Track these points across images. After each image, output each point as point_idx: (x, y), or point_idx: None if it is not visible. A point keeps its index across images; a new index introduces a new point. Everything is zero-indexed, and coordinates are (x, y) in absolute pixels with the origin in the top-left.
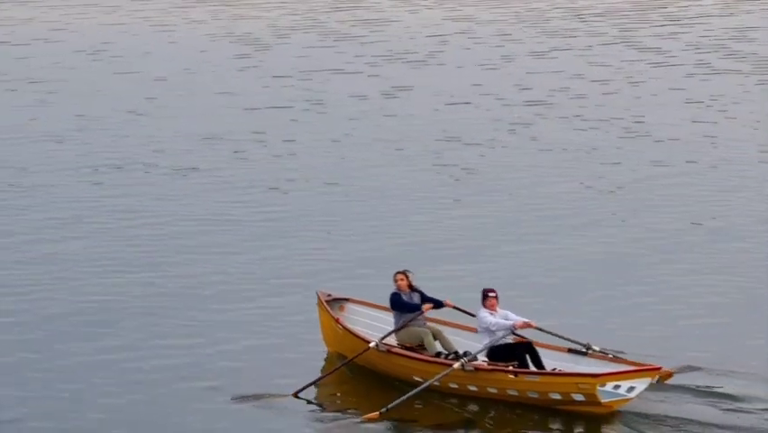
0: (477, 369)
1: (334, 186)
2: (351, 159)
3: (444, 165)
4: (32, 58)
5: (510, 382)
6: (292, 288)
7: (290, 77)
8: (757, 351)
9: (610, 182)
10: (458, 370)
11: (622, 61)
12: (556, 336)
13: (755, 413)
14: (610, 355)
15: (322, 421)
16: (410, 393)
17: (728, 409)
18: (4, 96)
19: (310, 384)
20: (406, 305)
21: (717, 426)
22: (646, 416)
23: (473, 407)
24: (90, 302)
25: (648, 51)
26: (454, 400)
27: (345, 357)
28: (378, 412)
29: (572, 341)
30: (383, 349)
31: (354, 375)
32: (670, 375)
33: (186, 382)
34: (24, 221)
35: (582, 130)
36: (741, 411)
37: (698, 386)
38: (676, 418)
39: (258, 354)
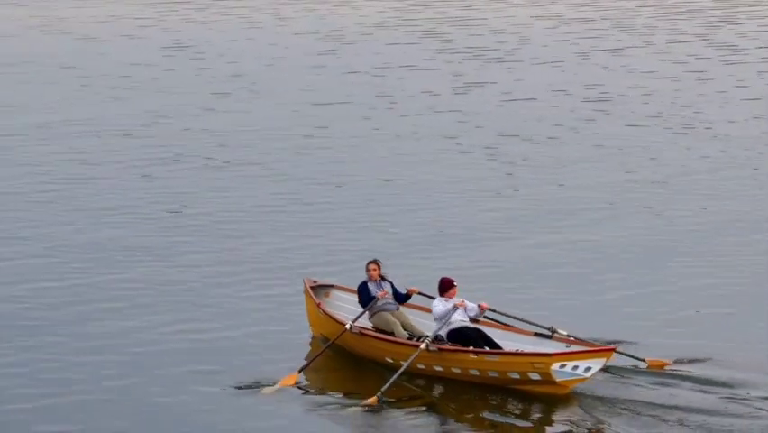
0: (440, 349)
1: (385, 179)
2: (406, 152)
3: (497, 159)
4: (120, 54)
5: (471, 361)
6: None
7: (367, 73)
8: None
9: (659, 176)
10: (423, 350)
11: (697, 59)
12: (522, 320)
13: (741, 403)
14: (572, 338)
15: (316, 408)
16: (396, 375)
17: (696, 392)
18: (96, 92)
19: (312, 360)
20: (369, 298)
21: (691, 410)
22: (616, 401)
23: (439, 388)
24: (104, 286)
25: (725, 49)
26: (421, 382)
27: (328, 340)
28: (375, 397)
29: (539, 325)
30: (356, 331)
31: (337, 359)
32: (662, 365)
33: (180, 366)
34: (75, 209)
35: (643, 126)
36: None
37: (691, 375)
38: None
39: (259, 338)
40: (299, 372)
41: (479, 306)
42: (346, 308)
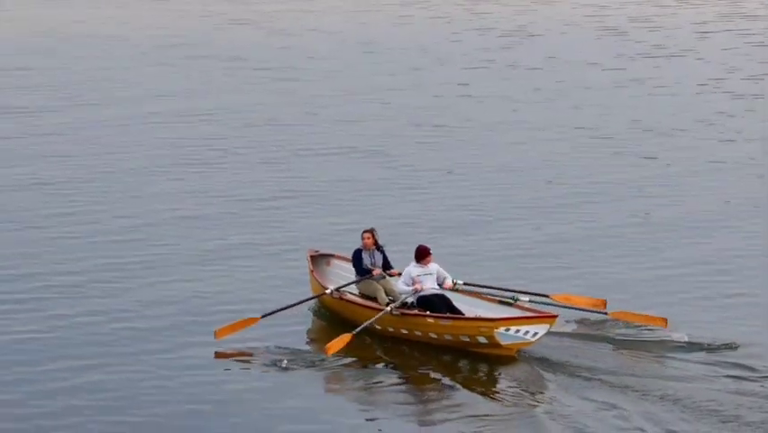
0: (403, 314)
1: (505, 170)
2: (538, 147)
3: (624, 153)
4: (306, 48)
5: (428, 325)
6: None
7: (539, 69)
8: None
9: None
10: (387, 314)
11: None
12: (491, 287)
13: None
14: (527, 305)
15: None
16: (357, 330)
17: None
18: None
19: (278, 311)
20: (361, 267)
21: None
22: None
23: (403, 349)
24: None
25: None
26: (388, 343)
27: (319, 303)
28: (351, 333)
29: (506, 290)
30: (336, 296)
31: (322, 320)
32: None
33: (179, 317)
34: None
35: None
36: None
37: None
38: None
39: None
40: (262, 317)
41: (441, 285)
42: (343, 275)
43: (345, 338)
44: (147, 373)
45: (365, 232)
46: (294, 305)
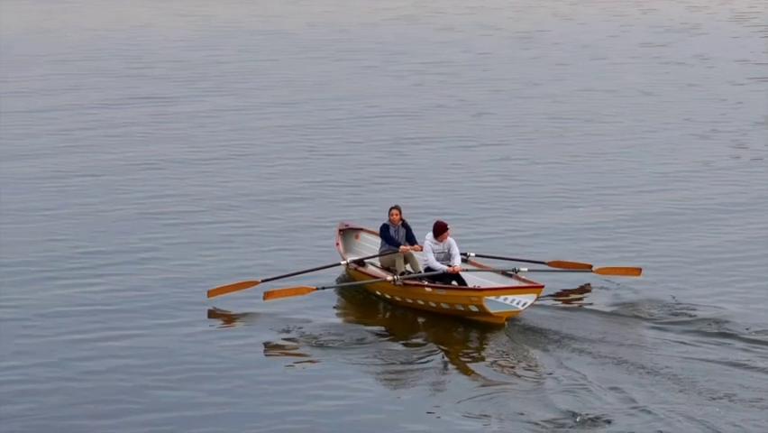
0: (404, 284)
1: (598, 157)
2: (643, 138)
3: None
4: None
5: (427, 294)
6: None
7: (690, 64)
8: None
9: None
10: (390, 283)
11: None
12: (500, 258)
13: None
14: (523, 276)
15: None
16: (345, 285)
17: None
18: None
19: (280, 277)
20: (390, 239)
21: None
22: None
23: (406, 316)
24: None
25: None
26: (391, 310)
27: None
28: (315, 287)
29: (513, 260)
30: (352, 267)
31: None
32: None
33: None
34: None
35: None
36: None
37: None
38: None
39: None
40: (262, 281)
41: (450, 265)
42: (371, 247)
43: (301, 290)
44: (170, 345)
45: (392, 208)
46: (298, 273)
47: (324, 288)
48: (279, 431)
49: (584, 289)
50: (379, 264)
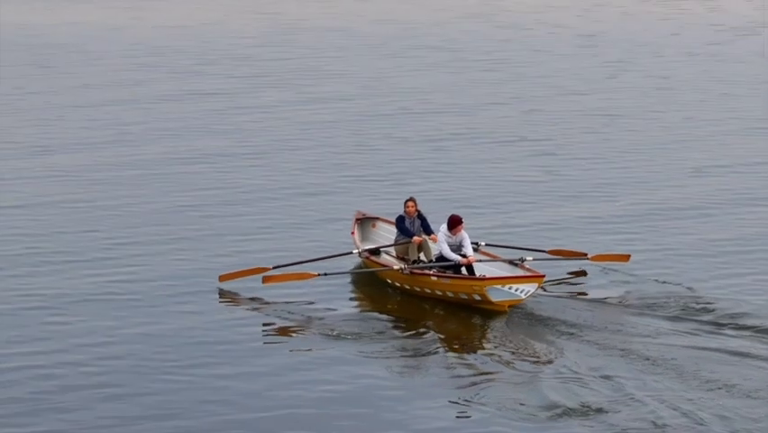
0: (411, 272)
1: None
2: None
3: None
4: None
5: (433, 283)
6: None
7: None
8: None
9: None
10: (398, 271)
11: None
12: (507, 247)
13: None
14: (527, 266)
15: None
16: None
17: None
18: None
19: (291, 264)
20: (405, 230)
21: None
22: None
23: (413, 304)
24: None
25: None
26: (401, 297)
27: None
28: (317, 273)
29: (521, 249)
30: (364, 255)
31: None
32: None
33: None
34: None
35: None
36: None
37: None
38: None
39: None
40: (273, 267)
41: (465, 256)
42: (387, 237)
43: (303, 276)
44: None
45: (408, 200)
46: (309, 261)
47: (326, 274)
48: (284, 416)
49: (584, 277)
50: (394, 253)
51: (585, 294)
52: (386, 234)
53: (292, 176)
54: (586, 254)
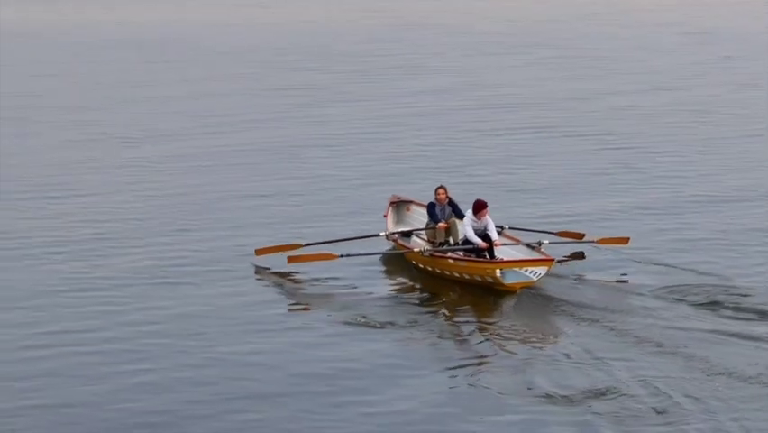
0: (431, 255)
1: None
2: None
3: None
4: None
5: (450, 265)
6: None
7: None
8: None
9: None
10: (418, 253)
11: None
12: (525, 230)
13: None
14: (542, 248)
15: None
16: (365, 253)
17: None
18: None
19: (323, 243)
20: (433, 215)
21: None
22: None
23: (432, 283)
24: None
25: None
26: (422, 277)
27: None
28: (338, 255)
29: (541, 232)
30: (392, 238)
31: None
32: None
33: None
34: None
35: None
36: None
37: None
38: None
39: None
40: (305, 245)
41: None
42: (420, 219)
43: (325, 256)
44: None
45: (438, 188)
46: (340, 240)
47: (348, 255)
48: (300, 392)
49: (592, 260)
50: (425, 237)
51: (602, 279)
52: (420, 217)
53: (367, 164)
54: (583, 235)
